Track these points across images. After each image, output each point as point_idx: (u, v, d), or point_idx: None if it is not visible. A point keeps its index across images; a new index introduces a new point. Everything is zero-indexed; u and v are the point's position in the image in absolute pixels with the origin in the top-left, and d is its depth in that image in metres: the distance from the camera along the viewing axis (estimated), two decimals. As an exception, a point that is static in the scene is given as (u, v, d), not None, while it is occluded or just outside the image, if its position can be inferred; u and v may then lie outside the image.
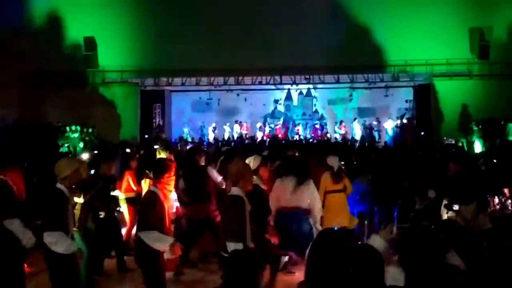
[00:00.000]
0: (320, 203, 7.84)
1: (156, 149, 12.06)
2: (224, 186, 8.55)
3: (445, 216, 6.51)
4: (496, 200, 6.57)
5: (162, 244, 5.57)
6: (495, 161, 10.70)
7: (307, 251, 3.37)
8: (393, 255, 3.54)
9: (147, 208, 5.67)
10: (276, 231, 6.96)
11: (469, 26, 24.57)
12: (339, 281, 2.95)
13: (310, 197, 7.51)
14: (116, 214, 9.04)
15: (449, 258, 3.76)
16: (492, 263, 3.62)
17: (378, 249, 3.28)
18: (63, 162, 5.72)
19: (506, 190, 7.35)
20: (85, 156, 9.58)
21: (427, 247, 3.48)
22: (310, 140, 25.06)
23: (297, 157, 9.24)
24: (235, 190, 5.48)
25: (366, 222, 10.38)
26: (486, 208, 6.34)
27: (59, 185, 5.50)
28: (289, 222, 7.33)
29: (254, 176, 6.56)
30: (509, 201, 7.15)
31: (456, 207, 6.23)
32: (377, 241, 3.56)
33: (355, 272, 2.96)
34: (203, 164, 9.14)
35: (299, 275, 6.91)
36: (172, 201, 7.63)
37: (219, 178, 8.95)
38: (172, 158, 8.70)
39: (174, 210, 8.26)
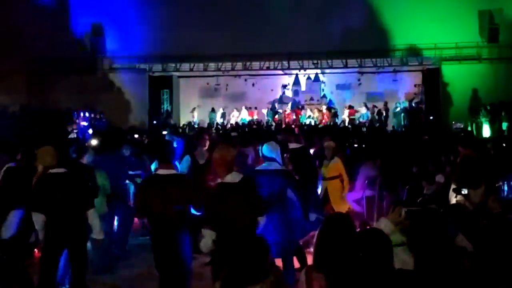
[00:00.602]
0: None
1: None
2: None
3: (453, 201, 6.53)
4: (506, 186, 6.57)
5: None
6: (504, 145, 10.67)
7: (316, 235, 3.38)
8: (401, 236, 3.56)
9: None
10: None
11: (478, 8, 24.39)
12: (348, 264, 2.97)
13: None
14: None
15: (457, 241, 3.77)
16: (500, 246, 3.61)
17: (386, 232, 3.29)
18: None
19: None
20: (93, 142, 9.55)
21: (436, 230, 3.49)
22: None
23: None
24: (234, 176, 5.34)
25: (374, 207, 10.39)
26: (495, 192, 6.34)
27: None
28: None
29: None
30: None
31: (464, 191, 6.24)
32: (385, 224, 3.57)
33: (364, 255, 2.97)
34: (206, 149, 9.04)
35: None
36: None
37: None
38: None
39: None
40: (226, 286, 3.01)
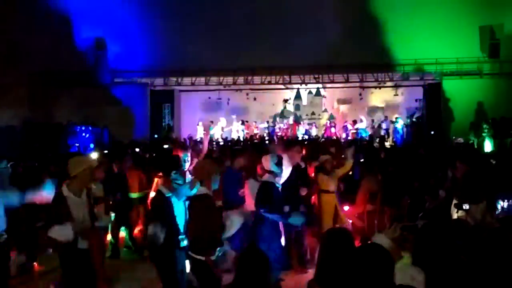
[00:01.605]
0: None
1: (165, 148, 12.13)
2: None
3: (455, 216, 6.50)
4: (505, 203, 6.54)
5: None
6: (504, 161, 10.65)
7: (318, 250, 3.38)
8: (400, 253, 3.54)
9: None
10: None
11: (479, 24, 24.46)
12: (348, 279, 2.95)
13: None
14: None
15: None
16: (502, 261, 3.60)
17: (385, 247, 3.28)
18: (73, 160, 5.80)
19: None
20: (94, 155, 9.58)
21: (443, 243, 3.48)
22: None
23: None
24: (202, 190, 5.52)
25: (375, 221, 10.36)
26: (494, 209, 6.33)
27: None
28: None
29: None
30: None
31: (466, 206, 6.22)
32: (382, 240, 3.56)
33: (364, 271, 2.95)
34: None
35: (311, 272, 6.90)
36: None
37: None
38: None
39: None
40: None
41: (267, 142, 22.69)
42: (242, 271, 3.07)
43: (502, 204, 6.36)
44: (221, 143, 22.09)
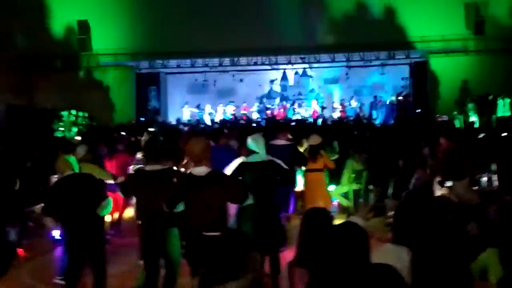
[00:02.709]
0: None
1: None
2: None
3: (438, 193, 6.52)
4: (485, 177, 6.58)
5: None
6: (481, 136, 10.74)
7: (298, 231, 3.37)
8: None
9: None
10: None
11: (465, 1, 24.42)
12: (326, 258, 2.93)
13: None
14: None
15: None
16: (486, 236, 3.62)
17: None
18: None
19: (493, 166, 7.37)
20: (77, 139, 9.55)
21: (422, 220, 3.47)
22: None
23: None
24: (201, 170, 5.36)
25: (361, 200, 10.42)
26: (475, 184, 6.37)
27: None
28: None
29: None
30: (495, 176, 7.17)
31: (449, 183, 6.24)
32: (356, 221, 3.54)
33: (339, 247, 2.91)
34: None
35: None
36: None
37: None
38: None
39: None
40: (204, 282, 2.96)
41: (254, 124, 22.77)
42: (218, 253, 3.03)
43: (482, 179, 6.40)
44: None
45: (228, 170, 6.57)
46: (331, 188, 10.19)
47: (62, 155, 6.35)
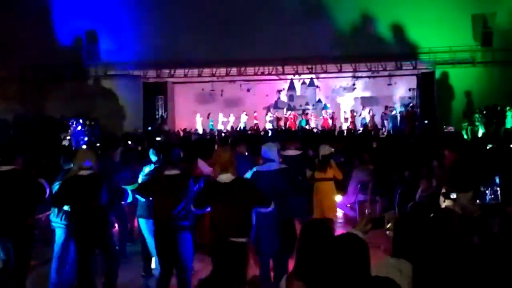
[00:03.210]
0: None
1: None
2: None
3: (443, 205, 6.50)
4: (490, 190, 6.56)
5: None
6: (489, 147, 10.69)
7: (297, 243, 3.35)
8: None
9: None
10: None
11: (472, 13, 24.39)
12: (325, 270, 2.91)
13: None
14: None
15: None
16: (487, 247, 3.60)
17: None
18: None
19: (497, 179, 7.33)
20: (83, 148, 9.57)
21: (422, 233, 3.44)
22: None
23: None
24: (226, 177, 5.48)
25: (367, 211, 10.37)
26: (479, 197, 6.33)
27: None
28: None
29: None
30: (499, 189, 7.12)
31: (453, 195, 6.21)
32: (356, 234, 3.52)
33: (338, 259, 2.89)
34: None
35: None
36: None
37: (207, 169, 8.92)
38: None
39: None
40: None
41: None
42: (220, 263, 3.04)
43: (487, 191, 6.38)
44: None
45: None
46: (338, 198, 10.17)
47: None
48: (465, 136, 20.32)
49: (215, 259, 3.34)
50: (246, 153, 9.49)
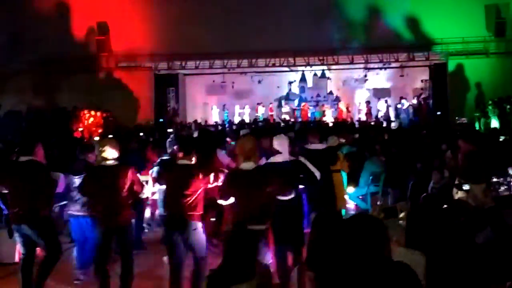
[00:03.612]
0: None
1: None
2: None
3: (456, 196, 6.45)
4: (503, 182, 6.51)
5: None
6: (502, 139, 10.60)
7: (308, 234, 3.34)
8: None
9: None
10: None
11: (485, 3, 24.17)
12: (337, 262, 2.85)
13: None
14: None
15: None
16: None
17: None
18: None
19: (510, 170, 7.27)
20: (96, 140, 9.63)
21: (433, 224, 3.42)
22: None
23: None
24: (249, 165, 5.56)
25: (378, 202, 10.34)
26: (490, 187, 6.29)
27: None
28: None
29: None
30: (512, 179, 7.07)
31: (466, 186, 6.16)
32: None
33: (353, 241, 2.76)
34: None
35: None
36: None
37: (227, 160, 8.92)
38: None
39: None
40: (212, 283, 2.97)
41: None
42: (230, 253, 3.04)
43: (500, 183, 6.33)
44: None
45: None
46: (349, 190, 10.15)
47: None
48: (478, 128, 20.18)
49: (226, 248, 3.33)
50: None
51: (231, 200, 5.67)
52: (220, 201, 5.87)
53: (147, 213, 10.00)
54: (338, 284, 2.74)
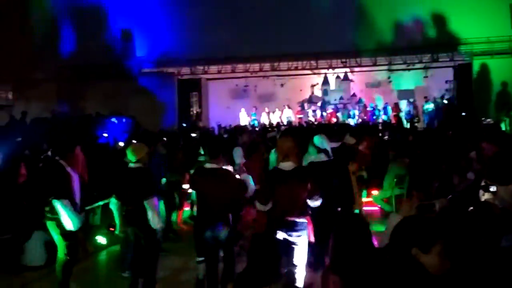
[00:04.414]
0: None
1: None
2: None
3: (482, 198, 6.34)
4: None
5: None
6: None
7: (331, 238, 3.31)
8: None
9: None
10: None
11: (510, 2, 23.85)
12: (362, 265, 2.85)
13: None
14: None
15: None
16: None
17: None
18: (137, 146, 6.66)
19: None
20: (121, 144, 9.79)
21: (461, 227, 3.39)
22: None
23: None
24: (287, 164, 5.63)
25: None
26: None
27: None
28: None
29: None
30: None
31: (493, 188, 6.06)
32: (396, 218, 3.47)
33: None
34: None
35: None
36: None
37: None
38: None
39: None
40: (239, 286, 2.98)
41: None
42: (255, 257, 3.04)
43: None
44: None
45: None
46: (374, 192, 10.09)
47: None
48: (504, 128, 19.89)
49: (251, 253, 3.34)
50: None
51: (270, 205, 5.66)
52: (260, 207, 5.82)
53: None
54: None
